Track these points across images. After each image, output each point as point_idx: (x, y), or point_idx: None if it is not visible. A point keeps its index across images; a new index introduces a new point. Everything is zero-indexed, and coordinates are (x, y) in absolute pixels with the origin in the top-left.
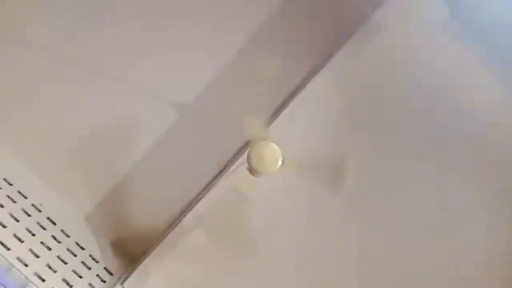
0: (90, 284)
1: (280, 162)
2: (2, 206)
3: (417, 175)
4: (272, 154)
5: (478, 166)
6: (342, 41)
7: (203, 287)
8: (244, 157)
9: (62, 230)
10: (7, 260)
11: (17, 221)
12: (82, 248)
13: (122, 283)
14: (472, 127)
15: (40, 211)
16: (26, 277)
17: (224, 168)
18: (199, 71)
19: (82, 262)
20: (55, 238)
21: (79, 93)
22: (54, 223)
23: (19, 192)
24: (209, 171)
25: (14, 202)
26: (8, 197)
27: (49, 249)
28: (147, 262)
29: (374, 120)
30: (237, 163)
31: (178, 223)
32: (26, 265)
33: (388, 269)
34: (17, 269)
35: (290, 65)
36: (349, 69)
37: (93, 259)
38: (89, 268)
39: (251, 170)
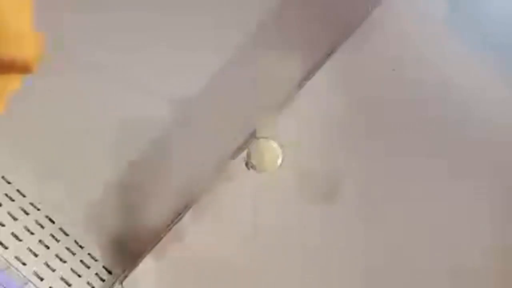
0: (88, 283)
1: (280, 161)
2: (1, 205)
3: (419, 174)
4: (272, 152)
5: (482, 165)
6: (342, 39)
7: (203, 286)
8: (245, 154)
9: (61, 229)
10: (5, 259)
11: (15, 219)
12: (81, 247)
13: (121, 282)
14: (473, 126)
15: (38, 209)
16: (24, 276)
17: (224, 166)
18: (200, 67)
19: (81, 261)
20: (53, 237)
21: (78, 90)
22: (53, 222)
23: (18, 191)
24: (209, 169)
25: (13, 200)
26: (6, 195)
27: (48, 248)
28: (146, 260)
29: (374, 117)
30: (238, 160)
31: (178, 221)
32: (25, 264)
33: (392, 267)
34: (15, 268)
35: (290, 62)
36: (350, 66)
37: (92, 257)
38: (88, 267)
39: (253, 168)
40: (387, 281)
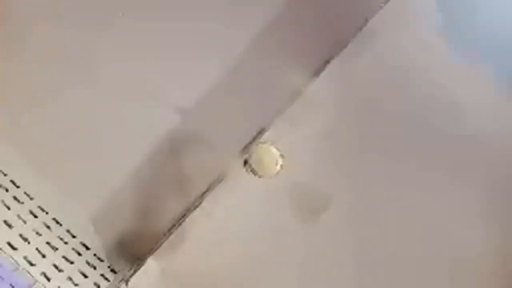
0: (95, 283)
1: (279, 165)
2: (9, 208)
3: (416, 183)
4: (271, 157)
5: (477, 171)
6: (340, 47)
7: (208, 286)
8: (244, 159)
9: (68, 231)
10: (14, 260)
11: (24, 222)
12: (87, 248)
13: (126, 282)
14: (470, 134)
15: (47, 212)
16: (33, 276)
17: (226, 169)
18: (201, 74)
19: (87, 262)
20: (61, 239)
21: (84, 95)
22: (60, 224)
23: (26, 194)
24: (211, 172)
25: (22, 203)
26: (15, 198)
27: (55, 249)
28: (151, 261)
29: (372, 125)
30: (238, 165)
31: (182, 222)
32: (33, 265)
33: (385, 269)
34: (24, 268)
35: (289, 69)
36: (347, 74)
37: (98, 258)
38: (94, 268)
39: (252, 173)
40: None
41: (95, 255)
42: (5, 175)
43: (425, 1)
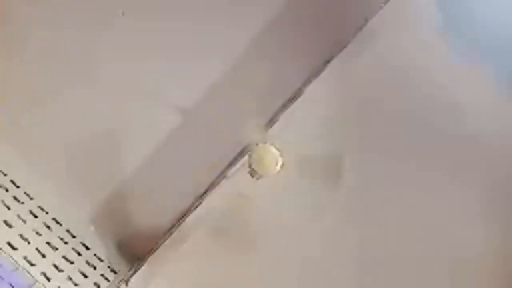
0: (95, 283)
1: (279, 165)
2: (9, 208)
3: (415, 181)
4: (271, 156)
5: (477, 171)
6: (340, 47)
7: (207, 286)
8: (245, 159)
9: (68, 231)
10: (14, 260)
11: (24, 222)
12: (87, 248)
13: (126, 282)
14: (470, 134)
15: (47, 212)
16: (33, 276)
17: (226, 169)
18: (200, 74)
19: (87, 262)
20: (61, 239)
21: (84, 95)
22: (60, 224)
23: (26, 194)
24: (211, 173)
25: (22, 203)
26: (15, 198)
27: (55, 249)
28: (151, 261)
29: (372, 124)
30: (238, 165)
31: (182, 222)
32: (33, 265)
33: (385, 269)
34: (24, 268)
35: (289, 69)
36: (347, 74)
37: (98, 258)
38: (94, 268)
39: (252, 172)
40: (383, 280)
41: (95, 255)
42: (5, 175)
43: (425, 1)
